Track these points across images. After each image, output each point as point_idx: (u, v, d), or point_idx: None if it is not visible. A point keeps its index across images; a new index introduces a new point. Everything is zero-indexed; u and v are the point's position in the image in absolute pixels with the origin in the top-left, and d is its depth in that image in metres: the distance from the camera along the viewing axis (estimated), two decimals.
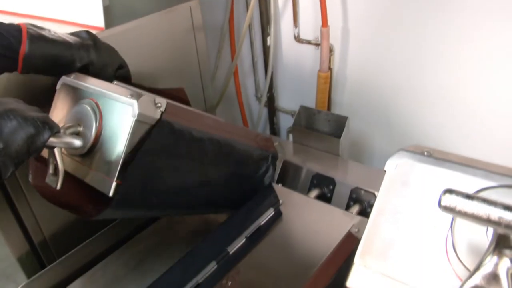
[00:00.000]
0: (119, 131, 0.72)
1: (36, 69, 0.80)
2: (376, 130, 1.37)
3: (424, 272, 0.48)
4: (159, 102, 0.72)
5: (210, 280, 0.77)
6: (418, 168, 0.50)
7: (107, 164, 0.73)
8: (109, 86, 0.77)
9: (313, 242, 0.85)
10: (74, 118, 0.77)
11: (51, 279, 1.00)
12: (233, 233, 0.87)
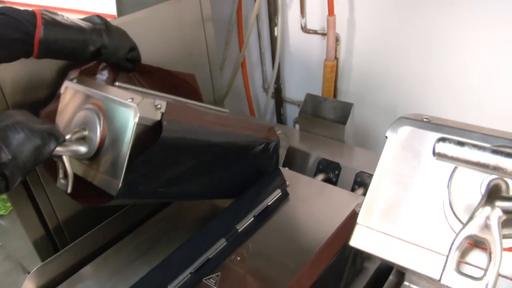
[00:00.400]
0: (122, 134, 0.75)
1: (51, 53, 0.83)
2: (382, 118, 1.38)
3: (424, 229, 0.50)
4: (159, 103, 0.75)
5: (220, 256, 0.80)
6: (417, 133, 0.53)
7: (113, 166, 0.77)
8: (111, 90, 0.80)
9: (318, 221, 0.88)
10: (79, 123, 0.80)
11: (65, 262, 1.04)
12: (241, 212, 0.89)
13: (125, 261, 1.08)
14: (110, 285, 1.01)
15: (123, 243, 1.10)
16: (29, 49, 0.80)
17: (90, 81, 0.86)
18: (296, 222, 0.88)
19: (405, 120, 0.54)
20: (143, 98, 0.74)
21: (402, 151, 0.54)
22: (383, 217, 0.53)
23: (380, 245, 0.52)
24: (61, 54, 0.85)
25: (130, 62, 0.97)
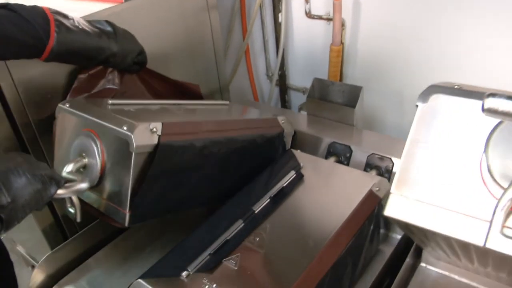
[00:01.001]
0: (121, 162, 0.74)
1: (59, 59, 0.84)
2: (388, 102, 1.38)
3: (461, 196, 0.49)
4: (154, 126, 0.75)
5: (238, 237, 0.79)
6: (449, 100, 0.52)
7: (117, 195, 0.77)
8: (104, 114, 0.79)
9: (335, 201, 0.87)
10: (77, 151, 0.81)
11: (74, 250, 1.02)
12: (257, 194, 0.88)
13: (135, 248, 1.07)
14: (120, 272, 1.00)
15: (133, 230, 1.09)
16: (37, 53, 0.81)
17: (83, 103, 0.85)
18: (313, 202, 0.87)
19: (435, 88, 0.53)
20: (138, 124, 0.73)
21: (433, 118, 0.53)
22: (418, 185, 0.52)
23: (416, 213, 0.51)
24: (70, 61, 0.87)
25: (137, 65, 0.97)
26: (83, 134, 0.80)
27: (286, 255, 0.75)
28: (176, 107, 0.98)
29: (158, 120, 0.77)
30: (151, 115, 0.86)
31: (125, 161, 0.74)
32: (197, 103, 1.04)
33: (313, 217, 0.84)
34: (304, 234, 0.80)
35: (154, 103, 0.95)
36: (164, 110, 0.93)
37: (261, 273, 0.72)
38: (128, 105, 0.89)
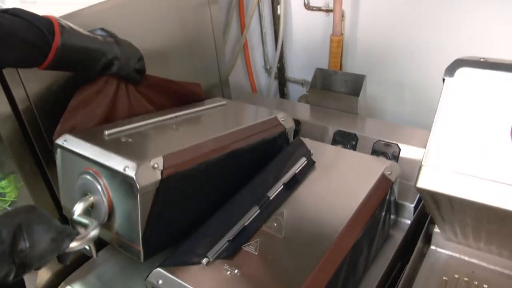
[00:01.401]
0: (128, 201, 0.75)
1: (64, 62, 0.82)
2: (388, 92, 1.39)
3: (492, 163, 0.50)
4: (155, 162, 0.74)
5: (255, 223, 0.79)
6: (476, 73, 0.52)
7: (128, 232, 0.78)
8: (103, 151, 0.78)
9: (349, 186, 0.87)
10: (82, 190, 0.81)
11: None
12: (270, 181, 0.88)
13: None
14: (130, 267, 0.98)
15: None
16: (41, 56, 0.78)
17: (80, 138, 0.83)
18: (327, 187, 0.87)
19: (461, 62, 0.54)
20: (140, 164, 0.72)
21: (461, 91, 0.54)
22: (451, 156, 0.52)
23: (449, 183, 0.52)
24: (74, 64, 0.85)
25: (138, 73, 0.96)
26: (85, 173, 0.80)
27: (304, 240, 0.75)
28: (172, 120, 0.96)
29: (157, 150, 0.77)
30: (150, 144, 0.84)
31: (131, 200, 0.74)
32: (193, 111, 1.02)
33: (328, 201, 0.84)
34: (320, 218, 0.80)
35: (150, 122, 0.92)
36: (161, 131, 0.90)
37: (281, 257, 0.72)
38: (124, 132, 0.87)
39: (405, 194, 1.02)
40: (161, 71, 1.15)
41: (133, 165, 0.72)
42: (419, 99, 1.35)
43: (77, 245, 0.70)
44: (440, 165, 0.53)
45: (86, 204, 0.79)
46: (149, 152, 0.78)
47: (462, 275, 0.92)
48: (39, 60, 0.79)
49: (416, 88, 1.34)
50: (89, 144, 0.80)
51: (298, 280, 0.67)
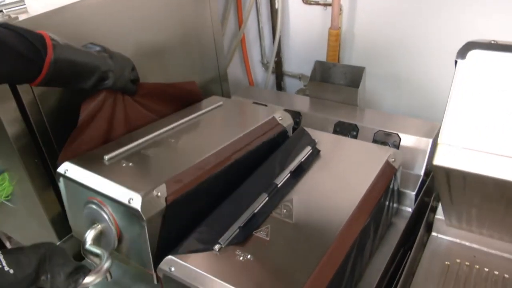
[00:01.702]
0: (136, 230, 0.76)
1: (59, 76, 0.80)
2: (385, 85, 1.41)
3: (505, 140, 0.51)
4: (159, 191, 0.75)
5: (265, 210, 0.79)
6: (487, 55, 0.54)
7: (139, 257, 0.80)
8: (106, 181, 0.79)
9: (355, 173, 0.88)
10: (89, 219, 0.82)
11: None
12: (277, 169, 0.89)
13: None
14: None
15: None
16: (34, 71, 0.77)
17: (81, 165, 0.84)
18: (333, 174, 0.89)
19: (472, 44, 0.55)
20: (143, 195, 0.73)
21: (473, 72, 0.55)
22: (465, 135, 0.54)
23: (465, 159, 0.53)
24: (68, 79, 0.83)
25: (133, 83, 0.96)
26: (90, 203, 0.81)
27: (315, 225, 0.76)
28: (170, 132, 0.96)
29: (159, 176, 0.79)
30: (151, 167, 0.84)
31: (138, 229, 0.76)
32: (190, 118, 1.02)
33: (335, 188, 0.85)
34: (329, 205, 0.81)
35: (148, 139, 0.92)
36: (160, 149, 0.90)
37: (293, 242, 0.73)
38: (123, 154, 0.87)
39: (406, 182, 1.04)
40: (160, 66, 1.16)
41: (137, 197, 0.74)
42: (416, 92, 1.38)
43: (92, 280, 0.73)
44: (454, 143, 0.55)
45: (96, 232, 0.81)
46: (151, 179, 0.78)
47: (463, 260, 0.94)
48: (32, 75, 0.77)
49: (412, 81, 1.36)
50: (91, 173, 0.81)
51: (311, 263, 0.68)
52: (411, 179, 1.04)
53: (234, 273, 0.67)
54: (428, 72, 1.33)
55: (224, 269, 0.68)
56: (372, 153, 0.94)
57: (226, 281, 0.66)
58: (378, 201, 0.85)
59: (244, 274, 0.67)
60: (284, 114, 1.06)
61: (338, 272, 0.72)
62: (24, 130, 0.89)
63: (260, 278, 0.67)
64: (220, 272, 0.68)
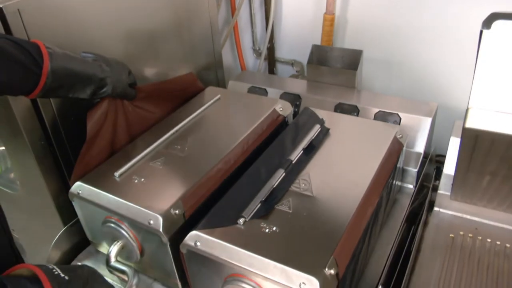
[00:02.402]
0: (157, 247, 0.78)
1: (58, 85, 0.78)
2: (376, 69, 1.44)
3: None
4: (177, 209, 0.77)
5: (283, 185, 0.80)
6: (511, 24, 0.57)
7: (162, 268, 0.82)
8: (121, 202, 0.79)
9: (366, 149, 0.90)
10: (109, 237, 0.84)
11: None
12: (288, 147, 0.90)
13: None
14: None
15: None
16: (32, 80, 0.75)
17: (92, 185, 0.84)
18: (345, 150, 0.90)
19: (497, 15, 0.58)
20: (163, 216, 0.74)
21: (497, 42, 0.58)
22: (493, 99, 0.56)
23: (494, 121, 0.56)
24: (67, 87, 0.81)
25: (132, 88, 0.95)
26: (108, 222, 0.82)
27: (334, 198, 0.78)
28: (174, 136, 0.96)
29: (174, 192, 0.79)
30: (164, 183, 0.83)
31: (160, 246, 0.77)
32: (191, 118, 1.01)
33: (349, 162, 0.86)
34: (345, 178, 0.82)
35: (154, 147, 0.92)
36: (169, 160, 0.89)
37: (315, 214, 0.74)
38: (133, 168, 0.87)
39: (407, 160, 1.07)
40: (154, 54, 1.13)
41: (156, 218, 0.75)
42: (407, 76, 1.41)
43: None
44: (484, 107, 0.57)
45: (118, 248, 0.83)
46: (167, 196, 0.79)
47: (466, 232, 0.98)
48: (31, 85, 0.75)
49: (404, 65, 1.39)
50: (104, 193, 0.81)
51: (336, 233, 0.70)
52: (412, 157, 1.07)
53: (262, 244, 0.68)
54: (419, 57, 1.37)
55: (251, 241, 0.69)
56: (379, 130, 0.96)
57: (255, 252, 0.67)
58: (389, 175, 0.88)
59: (272, 244, 0.68)
60: (284, 104, 1.07)
61: (359, 240, 0.73)
62: (30, 110, 0.87)
63: (289, 247, 0.67)
64: (247, 244, 0.68)
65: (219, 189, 0.84)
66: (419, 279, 0.87)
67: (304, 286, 0.62)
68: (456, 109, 1.30)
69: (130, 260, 0.84)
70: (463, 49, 1.27)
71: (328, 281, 0.63)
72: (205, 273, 0.74)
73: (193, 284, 0.79)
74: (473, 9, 1.20)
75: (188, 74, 1.15)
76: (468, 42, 1.25)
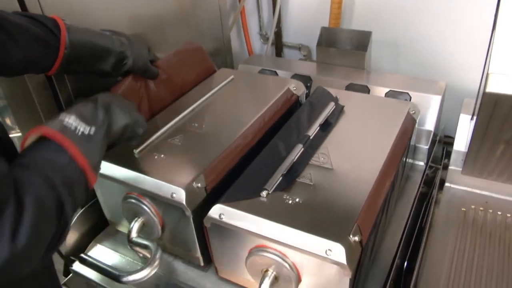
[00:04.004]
0: (180, 221, 0.79)
1: (77, 59, 0.79)
2: (383, 52, 1.45)
3: None
4: (199, 182, 0.78)
5: (303, 159, 0.82)
6: None
7: (184, 243, 0.83)
8: (142, 176, 0.80)
9: (381, 124, 0.92)
10: (130, 213, 0.85)
11: None
12: (304, 124, 0.91)
13: None
14: None
15: None
16: (51, 55, 0.76)
17: (112, 163, 0.84)
18: (361, 126, 0.92)
19: None
20: (186, 189, 0.75)
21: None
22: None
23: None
24: (86, 61, 0.81)
25: (153, 65, 0.96)
26: (129, 198, 0.83)
27: (353, 170, 0.79)
28: (191, 115, 0.97)
29: (195, 167, 0.80)
30: (184, 158, 0.84)
31: (183, 219, 0.78)
32: (206, 98, 1.02)
33: (365, 138, 0.88)
34: (363, 151, 0.84)
35: (172, 125, 0.92)
36: (188, 137, 0.90)
37: (336, 185, 0.76)
38: (152, 145, 0.87)
39: (418, 137, 1.09)
40: (165, 38, 1.14)
41: (179, 191, 0.76)
42: (413, 58, 1.42)
43: (149, 272, 0.78)
44: (504, 72, 0.59)
45: (139, 225, 0.84)
46: (188, 171, 0.80)
47: (477, 206, 1.00)
48: (50, 61, 0.76)
49: (410, 46, 1.41)
50: (125, 168, 0.82)
51: (358, 202, 0.71)
52: (423, 134, 1.09)
53: (286, 215, 0.70)
54: (425, 38, 1.38)
55: (275, 212, 0.71)
56: (393, 106, 0.98)
57: (280, 222, 0.68)
58: (405, 149, 0.90)
59: (296, 215, 0.70)
60: (297, 84, 1.09)
61: (379, 210, 0.75)
62: (49, 98, 0.88)
63: (313, 217, 0.69)
64: (272, 215, 0.70)
65: (239, 164, 0.85)
66: (434, 251, 0.89)
67: (330, 252, 0.64)
68: (461, 89, 1.31)
69: (151, 236, 0.85)
70: (472, 29, 1.29)
71: (353, 247, 0.65)
72: (229, 246, 0.76)
73: (216, 259, 0.81)
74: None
75: (187, 43, 1.11)
76: (485, 23, 1.26)
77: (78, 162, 0.57)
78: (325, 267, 0.66)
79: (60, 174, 0.54)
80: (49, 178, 0.53)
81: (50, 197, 0.52)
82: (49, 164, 0.54)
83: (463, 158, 1.05)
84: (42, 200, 0.50)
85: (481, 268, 0.86)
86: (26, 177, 0.51)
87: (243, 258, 0.74)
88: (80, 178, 0.57)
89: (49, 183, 0.52)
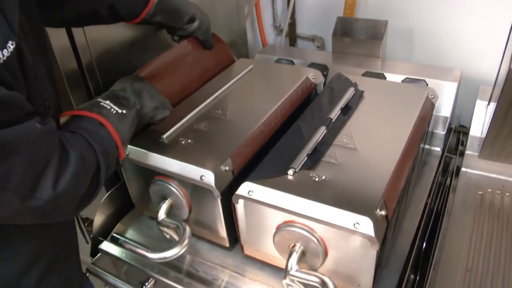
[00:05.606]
0: (208, 203, 0.82)
1: (162, 9, 0.92)
2: (398, 41, 1.47)
3: None
4: (226, 165, 0.80)
5: (327, 140, 0.84)
6: None
7: (211, 224, 0.87)
8: (172, 161, 0.82)
9: (400, 109, 0.94)
10: (158, 196, 0.88)
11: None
12: (326, 108, 0.94)
13: None
14: None
15: None
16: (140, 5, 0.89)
17: (139, 145, 0.86)
18: (381, 111, 0.94)
19: None
20: (214, 172, 0.78)
21: None
22: None
23: None
24: (169, 12, 0.94)
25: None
26: (158, 181, 0.86)
27: (376, 151, 0.81)
28: (214, 102, 0.99)
29: (222, 151, 0.83)
30: (211, 143, 0.87)
31: (211, 202, 0.81)
32: (228, 86, 1.04)
33: (387, 120, 0.90)
34: (385, 133, 0.86)
35: (196, 112, 0.95)
36: (213, 123, 0.92)
37: (361, 164, 0.78)
38: (179, 131, 0.90)
39: (435, 124, 1.11)
40: None
41: (208, 174, 0.78)
42: (429, 46, 1.44)
43: (179, 251, 0.80)
44: None
45: (167, 206, 0.87)
46: (216, 155, 0.82)
47: (494, 189, 1.02)
48: (139, 9, 0.89)
49: (424, 37, 1.42)
50: (155, 154, 0.84)
51: (383, 179, 0.74)
52: (440, 120, 1.11)
53: (313, 191, 0.72)
54: (442, 27, 1.39)
55: (302, 188, 0.73)
56: (411, 91, 1.00)
57: (308, 198, 0.71)
58: (424, 131, 0.92)
59: (323, 191, 0.72)
60: (316, 73, 1.11)
61: (403, 187, 0.78)
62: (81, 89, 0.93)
63: (340, 192, 0.72)
64: (299, 191, 0.72)
65: (262, 149, 0.88)
66: (452, 234, 0.91)
67: (358, 225, 0.66)
68: (474, 78, 1.33)
69: (177, 218, 0.88)
70: (486, 18, 1.30)
71: (379, 221, 0.67)
72: (257, 223, 0.78)
73: (243, 237, 0.83)
74: None
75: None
76: (494, 11, 1.27)
77: (114, 137, 0.67)
78: (352, 240, 0.68)
79: (100, 144, 0.63)
80: (91, 143, 0.62)
81: (91, 158, 0.61)
82: (91, 134, 0.63)
83: (479, 143, 1.07)
84: (84, 158, 0.59)
85: (499, 250, 0.88)
86: (73, 137, 0.60)
87: (270, 234, 0.77)
88: (114, 151, 0.67)
89: (91, 147, 0.62)
